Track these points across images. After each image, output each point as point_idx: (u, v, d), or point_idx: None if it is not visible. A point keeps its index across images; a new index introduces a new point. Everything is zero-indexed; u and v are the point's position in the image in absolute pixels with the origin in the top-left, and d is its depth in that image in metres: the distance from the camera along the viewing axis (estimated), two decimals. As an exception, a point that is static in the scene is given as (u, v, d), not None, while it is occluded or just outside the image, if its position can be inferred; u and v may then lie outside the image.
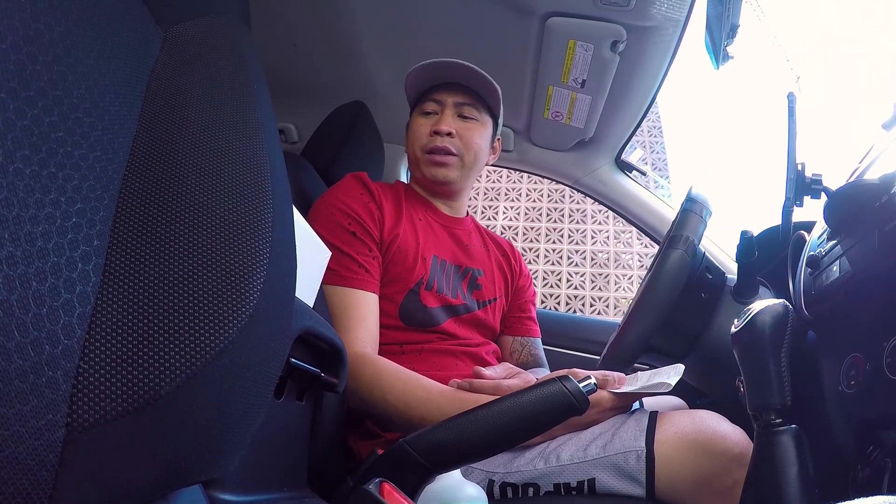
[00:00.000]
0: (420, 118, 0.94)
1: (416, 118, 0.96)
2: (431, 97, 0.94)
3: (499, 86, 0.95)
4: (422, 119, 0.94)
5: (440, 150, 0.91)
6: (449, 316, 0.90)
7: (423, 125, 0.93)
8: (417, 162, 0.95)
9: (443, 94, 0.94)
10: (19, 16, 0.25)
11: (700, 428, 0.65)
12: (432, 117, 0.94)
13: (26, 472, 0.22)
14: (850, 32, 18.22)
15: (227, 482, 0.39)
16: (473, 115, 0.94)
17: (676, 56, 1.07)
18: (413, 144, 0.95)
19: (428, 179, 0.94)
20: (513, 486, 0.67)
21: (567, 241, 6.62)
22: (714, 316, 0.81)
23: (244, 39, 0.45)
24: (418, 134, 0.93)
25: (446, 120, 0.92)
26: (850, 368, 0.53)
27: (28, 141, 0.24)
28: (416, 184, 1.01)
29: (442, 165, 0.92)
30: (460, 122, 0.93)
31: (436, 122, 0.92)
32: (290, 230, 0.38)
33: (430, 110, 0.94)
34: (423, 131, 0.93)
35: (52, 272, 0.24)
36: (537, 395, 0.47)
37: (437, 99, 0.94)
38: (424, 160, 0.93)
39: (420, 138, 0.93)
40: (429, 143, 0.92)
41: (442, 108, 0.93)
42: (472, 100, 0.94)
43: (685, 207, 0.84)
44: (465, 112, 0.94)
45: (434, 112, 0.94)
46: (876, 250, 0.51)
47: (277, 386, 0.47)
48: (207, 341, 0.27)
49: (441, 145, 0.91)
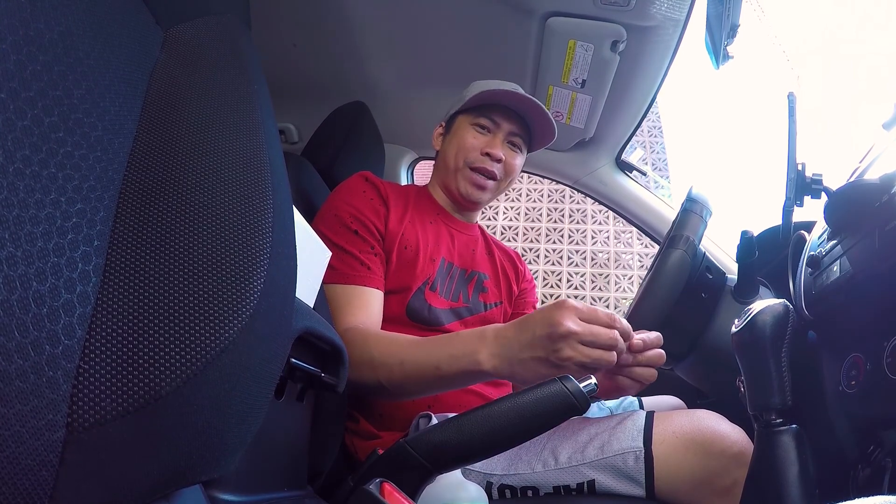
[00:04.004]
0: (472, 130, 0.94)
1: (467, 128, 0.94)
2: (490, 115, 0.94)
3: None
4: (474, 132, 0.94)
5: (486, 173, 0.93)
6: (454, 318, 0.90)
7: (476, 139, 0.93)
8: (457, 172, 0.94)
9: (501, 118, 0.94)
10: (19, 16, 0.25)
11: (698, 427, 0.65)
12: (484, 135, 0.94)
13: (27, 472, 0.22)
14: (850, 33, 18.19)
15: (228, 482, 0.39)
16: (519, 145, 0.96)
17: (676, 56, 1.07)
18: (458, 154, 0.94)
19: (461, 195, 0.95)
20: (511, 488, 0.67)
21: (567, 242, 6.61)
22: (714, 316, 0.81)
23: (244, 39, 0.45)
24: (468, 146, 0.93)
25: (499, 145, 0.93)
26: (850, 368, 0.53)
27: (28, 141, 0.24)
28: (439, 189, 1.00)
29: (482, 189, 0.94)
30: (507, 149, 0.95)
31: (488, 143, 0.93)
32: (290, 230, 0.38)
33: (485, 126, 0.94)
34: (476, 145, 0.93)
35: (52, 272, 0.24)
36: (537, 395, 0.47)
37: (495, 120, 0.94)
38: (466, 174, 0.93)
39: (469, 151, 0.93)
40: (476, 161, 0.92)
41: (495, 131, 0.94)
42: (524, 133, 0.96)
43: (685, 207, 0.84)
44: (514, 141, 0.95)
45: (487, 129, 0.94)
46: (876, 250, 0.51)
47: (277, 386, 0.47)
48: (208, 341, 0.27)
49: (490, 169, 0.92)
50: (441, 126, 1.02)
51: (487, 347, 0.62)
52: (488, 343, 0.62)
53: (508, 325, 0.63)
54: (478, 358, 0.62)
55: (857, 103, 19.16)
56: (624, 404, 0.95)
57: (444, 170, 0.98)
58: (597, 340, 0.57)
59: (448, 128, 0.99)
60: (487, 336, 0.63)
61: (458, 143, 0.94)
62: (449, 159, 0.95)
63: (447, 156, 0.96)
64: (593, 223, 6.73)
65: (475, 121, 0.94)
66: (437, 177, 1.01)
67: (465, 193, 0.94)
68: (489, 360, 0.61)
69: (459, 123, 0.96)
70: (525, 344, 0.60)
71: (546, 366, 0.58)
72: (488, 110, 0.94)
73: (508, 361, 0.61)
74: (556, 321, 0.57)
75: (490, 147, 0.92)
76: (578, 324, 0.57)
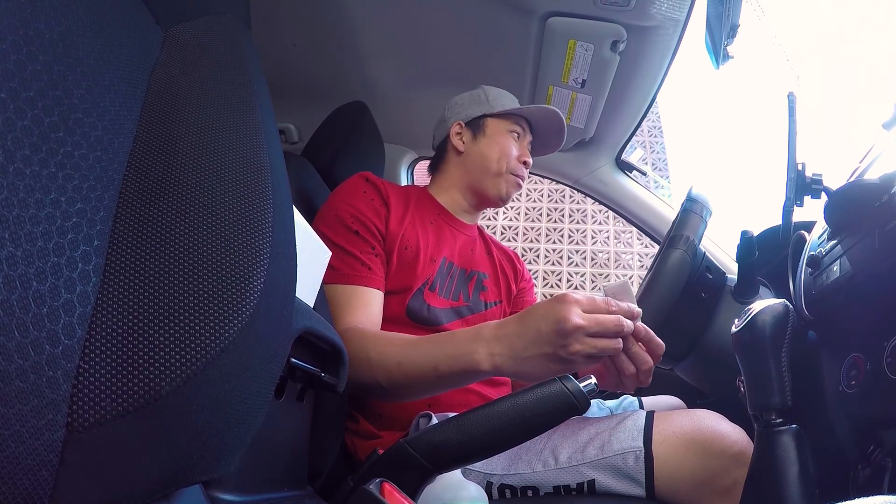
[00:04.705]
0: (510, 135, 1.00)
1: (505, 134, 1.00)
2: (521, 123, 1.02)
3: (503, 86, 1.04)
4: (511, 138, 1.00)
5: (522, 178, 1.01)
6: (454, 317, 0.90)
7: (514, 146, 1.00)
8: (497, 175, 0.98)
9: (526, 126, 1.03)
10: (19, 16, 0.25)
11: (699, 427, 0.65)
12: (517, 142, 1.01)
13: (27, 471, 0.22)
14: (850, 33, 18.17)
15: (228, 482, 0.39)
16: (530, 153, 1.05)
17: (676, 56, 1.07)
18: (501, 158, 0.98)
19: (501, 196, 1.00)
20: (511, 487, 0.67)
21: (567, 242, 6.61)
22: (714, 316, 0.81)
23: (244, 39, 0.45)
24: (510, 152, 0.99)
25: (527, 151, 1.02)
26: (850, 368, 0.53)
27: (28, 141, 0.24)
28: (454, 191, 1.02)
29: (518, 189, 1.02)
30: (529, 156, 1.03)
31: (522, 150, 1.01)
32: (290, 230, 0.38)
33: (517, 132, 1.01)
34: (515, 153, 1.00)
35: (52, 272, 0.24)
36: (538, 395, 0.47)
37: (524, 128, 1.02)
38: (508, 178, 0.99)
39: (512, 158, 0.99)
40: (517, 168, 0.99)
41: (522, 138, 1.02)
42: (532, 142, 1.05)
43: (685, 207, 0.84)
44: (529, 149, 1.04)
45: (517, 135, 1.01)
46: (876, 250, 0.51)
47: (277, 386, 0.47)
48: (208, 341, 0.27)
49: (523, 173, 1.01)
50: (460, 125, 1.02)
51: (485, 347, 0.61)
52: (486, 342, 0.61)
53: (507, 321, 0.62)
54: (475, 358, 0.61)
55: (857, 103, 19.15)
56: (624, 404, 0.95)
57: (479, 171, 0.99)
58: (602, 330, 0.57)
59: (476, 129, 1.01)
60: (484, 335, 0.62)
61: (502, 148, 0.99)
62: (490, 163, 0.98)
63: (487, 159, 0.99)
64: (593, 223, 6.73)
65: (512, 128, 1.00)
66: (462, 178, 1.01)
67: (506, 195, 1.00)
68: (488, 359, 0.61)
69: (495, 128, 1.00)
70: (530, 341, 0.59)
71: (554, 361, 0.58)
72: (517, 118, 1.01)
73: (514, 360, 0.60)
74: (562, 317, 0.57)
75: (525, 154, 1.01)
76: (584, 317, 0.57)
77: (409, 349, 0.67)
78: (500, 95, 1.03)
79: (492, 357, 0.61)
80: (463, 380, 0.67)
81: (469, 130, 1.01)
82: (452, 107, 1.04)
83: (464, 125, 1.01)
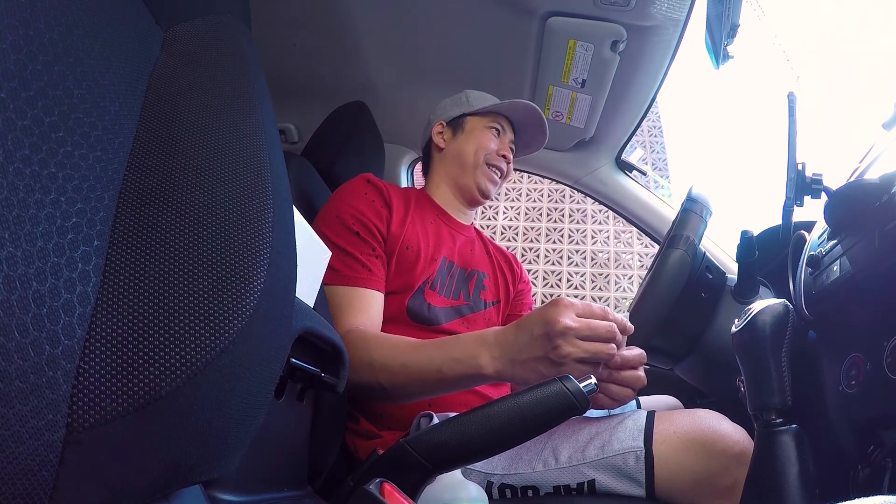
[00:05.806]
0: (487, 131, 1.02)
1: (483, 128, 1.02)
2: (500, 121, 1.04)
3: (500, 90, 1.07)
4: (489, 133, 1.02)
5: (499, 170, 1.02)
6: (454, 316, 0.90)
7: (492, 141, 1.02)
8: (474, 168, 1.00)
9: (507, 125, 1.05)
10: (19, 16, 0.25)
11: (699, 427, 0.65)
12: (496, 138, 1.03)
13: (27, 472, 0.22)
14: (850, 33, 18.11)
15: (228, 482, 0.39)
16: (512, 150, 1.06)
17: (676, 56, 1.07)
18: (478, 151, 1.00)
19: (478, 189, 1.01)
20: (511, 487, 0.67)
21: (567, 241, 6.61)
22: (714, 316, 0.81)
23: (244, 39, 0.45)
24: (486, 144, 1.01)
25: (507, 147, 1.04)
26: (850, 368, 0.53)
27: (28, 141, 0.24)
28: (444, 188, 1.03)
29: (493, 183, 1.02)
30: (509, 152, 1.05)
31: (501, 145, 1.03)
32: (290, 230, 0.38)
33: (496, 127, 1.03)
34: (492, 146, 1.01)
35: (52, 272, 0.24)
36: (537, 395, 0.47)
37: (504, 126, 1.04)
38: (484, 170, 1.01)
39: (487, 148, 1.01)
40: (492, 159, 1.01)
41: (503, 135, 1.04)
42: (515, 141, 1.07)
43: (685, 207, 0.84)
44: (511, 146, 1.06)
45: (497, 131, 1.03)
46: (876, 250, 0.51)
47: (277, 386, 0.47)
48: (208, 341, 0.27)
49: (503, 166, 1.02)
50: (441, 125, 1.05)
51: (489, 351, 0.63)
52: (490, 346, 0.63)
53: (508, 327, 0.64)
54: (479, 361, 0.63)
55: (857, 103, 19.15)
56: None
57: (458, 166, 1.02)
58: (594, 334, 0.58)
59: (456, 128, 1.03)
60: (488, 340, 0.63)
61: (478, 142, 1.01)
62: (467, 156, 1.01)
63: (464, 153, 1.01)
64: (593, 223, 6.73)
65: (491, 124, 1.02)
66: (446, 174, 1.03)
67: (483, 188, 1.01)
68: (491, 363, 0.62)
69: (474, 125, 1.03)
70: (524, 345, 0.60)
71: (546, 364, 0.59)
72: (496, 117, 1.03)
73: (510, 364, 0.61)
74: (552, 319, 0.58)
75: (504, 149, 1.02)
76: (575, 319, 0.58)
77: (412, 352, 0.68)
78: (482, 97, 1.06)
79: (493, 361, 0.62)
80: (466, 383, 0.68)
81: (450, 129, 1.04)
82: (437, 110, 1.08)
83: (445, 125, 1.05)
